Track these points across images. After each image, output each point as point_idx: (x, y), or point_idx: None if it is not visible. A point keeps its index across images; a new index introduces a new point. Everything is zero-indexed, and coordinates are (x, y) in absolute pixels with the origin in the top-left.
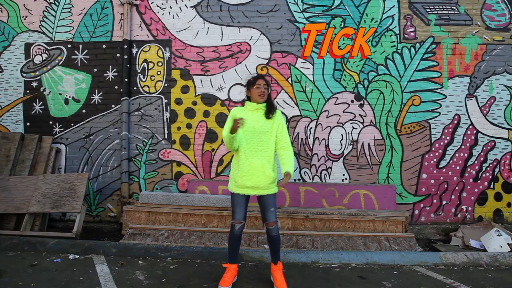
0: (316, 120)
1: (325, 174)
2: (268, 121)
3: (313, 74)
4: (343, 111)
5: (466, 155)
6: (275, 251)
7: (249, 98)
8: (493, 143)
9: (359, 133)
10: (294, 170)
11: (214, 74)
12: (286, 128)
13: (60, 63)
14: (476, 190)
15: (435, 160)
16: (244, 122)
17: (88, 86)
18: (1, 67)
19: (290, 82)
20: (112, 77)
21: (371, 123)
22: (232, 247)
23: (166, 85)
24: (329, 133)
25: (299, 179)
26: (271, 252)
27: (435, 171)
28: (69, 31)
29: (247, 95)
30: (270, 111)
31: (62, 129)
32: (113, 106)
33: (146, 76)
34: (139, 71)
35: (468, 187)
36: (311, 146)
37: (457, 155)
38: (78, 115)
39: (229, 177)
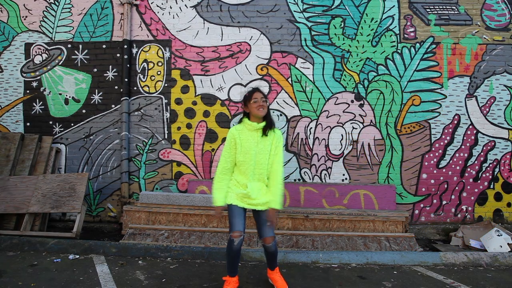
0: (316, 120)
1: (325, 174)
2: (266, 139)
3: (313, 74)
4: (343, 111)
5: (466, 155)
6: (272, 261)
7: (247, 114)
8: (493, 143)
9: (359, 133)
10: (293, 171)
11: (214, 74)
12: (282, 151)
13: (60, 63)
14: (476, 190)
15: (435, 160)
16: (242, 145)
17: (88, 86)
18: (1, 67)
19: (290, 82)
20: (112, 77)
21: (371, 123)
22: (232, 261)
23: (166, 85)
24: (329, 133)
25: (299, 179)
26: (268, 262)
27: (435, 171)
28: (69, 31)
29: (244, 111)
30: (268, 127)
31: (62, 129)
32: (113, 106)
33: (146, 76)
34: (139, 71)
35: (468, 187)
36: (311, 146)
37: (457, 155)
38: (78, 115)
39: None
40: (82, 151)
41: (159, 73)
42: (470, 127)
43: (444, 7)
